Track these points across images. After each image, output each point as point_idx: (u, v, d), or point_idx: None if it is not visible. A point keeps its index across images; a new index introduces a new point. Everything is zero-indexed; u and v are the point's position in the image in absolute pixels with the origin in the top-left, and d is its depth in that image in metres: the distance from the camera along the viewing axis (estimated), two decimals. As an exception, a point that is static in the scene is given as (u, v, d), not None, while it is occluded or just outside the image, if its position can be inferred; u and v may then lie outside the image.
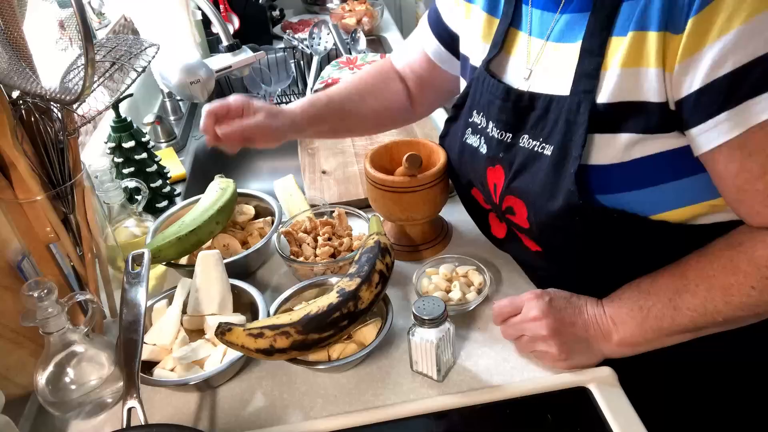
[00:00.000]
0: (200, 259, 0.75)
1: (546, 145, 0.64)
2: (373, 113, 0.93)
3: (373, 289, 0.68)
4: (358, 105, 0.91)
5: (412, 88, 0.94)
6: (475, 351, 0.71)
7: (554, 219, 0.63)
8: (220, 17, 1.31)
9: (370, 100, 0.92)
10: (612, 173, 0.60)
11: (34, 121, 0.65)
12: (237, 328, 0.63)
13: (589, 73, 0.59)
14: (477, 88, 0.74)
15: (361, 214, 0.90)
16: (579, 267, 0.70)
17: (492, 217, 0.78)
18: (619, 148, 0.59)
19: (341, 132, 0.95)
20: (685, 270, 0.62)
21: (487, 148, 0.72)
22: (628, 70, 0.57)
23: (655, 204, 0.62)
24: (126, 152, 1.00)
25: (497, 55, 0.72)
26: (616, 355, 0.66)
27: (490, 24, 0.74)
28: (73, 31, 0.65)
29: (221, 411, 0.68)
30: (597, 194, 0.61)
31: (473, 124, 0.75)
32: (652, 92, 0.56)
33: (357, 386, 0.69)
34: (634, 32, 0.56)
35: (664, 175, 0.60)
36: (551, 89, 0.64)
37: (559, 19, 0.64)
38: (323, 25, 1.71)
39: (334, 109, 0.88)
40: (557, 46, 0.64)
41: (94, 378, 0.65)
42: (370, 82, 0.93)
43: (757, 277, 0.56)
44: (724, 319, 0.59)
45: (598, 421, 0.62)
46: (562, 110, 0.62)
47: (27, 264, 0.70)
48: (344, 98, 0.89)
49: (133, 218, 0.90)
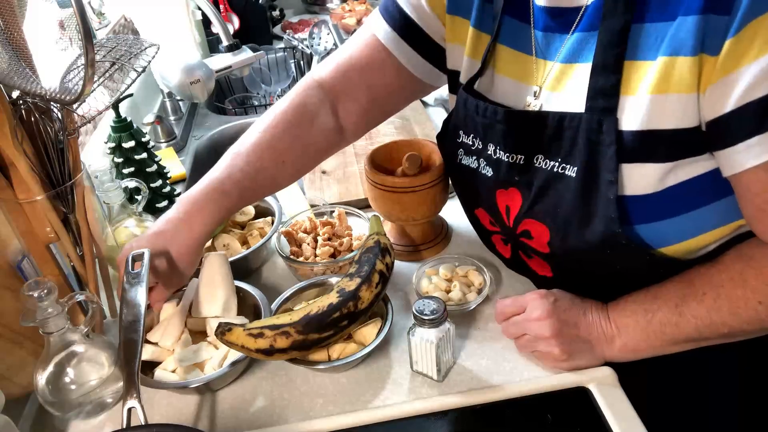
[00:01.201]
0: (206, 260, 0.75)
1: (567, 166, 0.61)
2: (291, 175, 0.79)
3: (373, 289, 0.68)
4: (276, 176, 0.76)
5: (345, 103, 0.79)
6: (475, 351, 0.71)
7: (586, 247, 0.61)
8: (220, 17, 1.31)
9: (290, 161, 0.76)
10: (647, 202, 0.58)
11: (34, 121, 0.65)
12: (237, 328, 0.63)
13: (606, 90, 0.57)
14: (459, 109, 0.71)
15: (361, 214, 0.90)
16: (585, 292, 0.69)
17: (496, 239, 0.76)
18: (651, 177, 0.57)
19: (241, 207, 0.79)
20: (693, 278, 0.62)
21: (493, 171, 0.68)
22: (658, 97, 0.54)
23: (690, 230, 0.60)
24: (126, 152, 1.00)
25: (485, 74, 0.69)
26: (618, 359, 0.66)
27: (480, 39, 0.69)
28: (73, 31, 0.65)
29: (221, 411, 0.68)
30: (634, 224, 0.59)
31: (464, 145, 0.72)
32: (686, 118, 0.54)
33: (357, 386, 0.69)
34: (665, 58, 0.53)
35: (701, 199, 0.59)
36: (562, 107, 0.62)
37: (569, 39, 0.62)
38: (323, 25, 1.71)
39: (245, 194, 0.73)
40: (568, 66, 0.62)
41: (94, 378, 0.65)
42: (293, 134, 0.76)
43: (765, 293, 0.56)
44: (729, 331, 0.59)
45: (598, 421, 0.62)
46: (579, 128, 0.59)
47: (27, 264, 0.70)
48: (256, 174, 0.73)
49: (133, 218, 0.90)
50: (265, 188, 0.78)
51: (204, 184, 0.71)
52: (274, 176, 0.76)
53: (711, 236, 0.61)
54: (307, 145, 0.78)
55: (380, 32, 0.76)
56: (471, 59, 0.71)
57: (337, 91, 0.79)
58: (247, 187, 0.72)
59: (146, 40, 0.70)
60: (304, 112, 0.77)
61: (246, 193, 0.73)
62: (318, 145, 0.79)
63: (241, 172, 0.72)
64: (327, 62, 0.80)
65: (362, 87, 0.79)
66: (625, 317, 0.64)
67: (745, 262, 0.59)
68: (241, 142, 0.75)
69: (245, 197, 0.74)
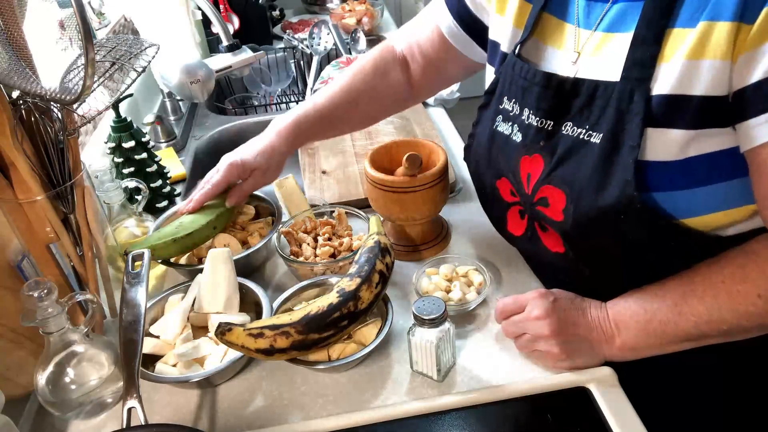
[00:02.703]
0: (210, 256, 0.75)
1: (593, 133, 0.62)
2: (365, 116, 0.94)
3: (373, 289, 0.68)
4: (350, 113, 0.91)
5: (415, 69, 0.93)
6: (475, 351, 0.71)
7: (599, 213, 0.61)
8: (220, 17, 1.31)
9: (363, 103, 0.91)
10: (668, 170, 0.58)
11: (34, 121, 0.65)
12: (237, 328, 0.63)
13: (644, 61, 0.57)
14: (507, 74, 0.72)
15: (361, 214, 0.90)
16: (596, 272, 0.69)
17: (512, 213, 0.76)
18: (674, 144, 0.57)
19: (329, 136, 1.00)
20: (694, 275, 0.61)
21: (522, 136, 0.69)
22: (693, 62, 0.54)
23: (704, 204, 0.60)
24: (126, 152, 1.00)
25: (528, 40, 0.70)
26: (618, 358, 0.66)
27: (523, 9, 0.71)
28: (73, 31, 0.65)
29: (221, 411, 0.68)
30: (651, 191, 0.59)
31: (504, 111, 0.72)
32: (715, 85, 0.54)
33: (357, 386, 0.69)
34: (705, 23, 0.53)
35: (719, 174, 0.58)
36: (598, 75, 0.62)
37: (610, 9, 0.63)
38: (323, 25, 1.71)
39: (323, 126, 0.89)
40: (607, 36, 0.63)
41: (94, 378, 0.65)
42: (367, 82, 0.91)
43: (765, 286, 0.56)
44: (728, 329, 0.59)
45: (598, 421, 0.62)
46: (611, 97, 0.60)
47: (27, 264, 0.70)
48: (335, 108, 0.89)
49: (133, 218, 0.90)
50: (340, 120, 0.92)
51: (292, 111, 0.89)
52: (348, 112, 0.91)
53: (723, 216, 0.60)
54: (380, 94, 0.93)
55: (443, 25, 0.86)
56: (515, 28, 0.73)
57: (405, 56, 0.93)
58: (326, 116, 0.89)
59: (146, 40, 0.70)
60: (378, 66, 0.92)
61: (324, 120, 0.89)
62: (390, 96, 0.94)
63: (321, 103, 0.89)
64: (401, 32, 0.96)
65: (425, 60, 0.91)
66: (625, 316, 0.64)
67: (747, 256, 0.59)
68: (324, 87, 0.92)
69: (323, 124, 0.90)
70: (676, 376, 0.72)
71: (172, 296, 0.77)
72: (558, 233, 0.68)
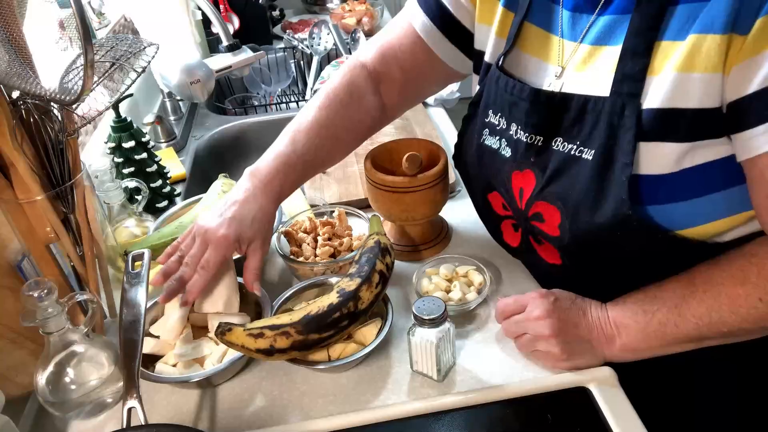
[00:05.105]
0: None
1: (585, 149, 0.61)
2: (345, 149, 0.84)
3: (373, 289, 0.68)
4: (332, 153, 0.82)
5: (389, 88, 0.84)
6: (475, 351, 0.71)
7: (596, 229, 0.61)
8: (220, 17, 1.31)
9: (342, 136, 0.82)
10: (662, 183, 0.58)
11: (33, 121, 0.65)
12: (237, 328, 0.63)
13: (634, 75, 0.57)
14: (491, 88, 0.71)
15: (361, 214, 0.90)
16: (594, 281, 0.69)
17: (506, 225, 0.76)
18: (668, 158, 0.56)
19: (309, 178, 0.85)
20: (694, 277, 0.61)
21: (512, 151, 0.69)
22: (683, 76, 0.54)
23: (702, 215, 0.59)
24: (126, 152, 1.00)
25: (512, 51, 0.69)
26: (618, 359, 0.66)
27: (506, 18, 0.70)
28: (73, 31, 0.65)
29: (221, 411, 0.68)
30: (647, 205, 0.58)
31: (490, 124, 0.72)
32: (707, 98, 0.54)
33: (357, 386, 0.69)
34: (695, 36, 0.53)
35: (715, 184, 0.58)
36: (586, 90, 0.61)
37: (595, 22, 0.62)
38: (323, 25, 1.71)
39: (306, 174, 0.79)
40: (595, 48, 0.62)
41: (94, 378, 0.65)
42: (343, 114, 0.81)
43: (766, 289, 0.56)
44: (729, 330, 0.59)
45: (598, 421, 0.62)
46: (601, 112, 0.59)
47: (27, 264, 0.70)
48: (317, 150, 0.78)
49: (133, 218, 0.90)
50: (324, 163, 0.83)
51: (271, 157, 0.75)
52: (331, 151, 0.81)
53: (722, 224, 0.60)
54: (357, 122, 0.83)
55: (416, 22, 0.79)
56: (498, 38, 0.72)
57: (378, 72, 0.84)
58: (309, 162, 0.77)
59: (146, 40, 0.70)
60: (353, 92, 0.82)
61: (308, 167, 0.78)
62: (366, 122, 0.84)
63: (303, 147, 0.76)
64: (369, 44, 0.86)
65: (398, 70, 0.83)
66: (625, 317, 0.64)
67: (747, 258, 0.59)
68: (299, 120, 0.80)
69: (307, 171, 0.79)
70: (677, 376, 0.72)
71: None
72: (554, 247, 0.68)
